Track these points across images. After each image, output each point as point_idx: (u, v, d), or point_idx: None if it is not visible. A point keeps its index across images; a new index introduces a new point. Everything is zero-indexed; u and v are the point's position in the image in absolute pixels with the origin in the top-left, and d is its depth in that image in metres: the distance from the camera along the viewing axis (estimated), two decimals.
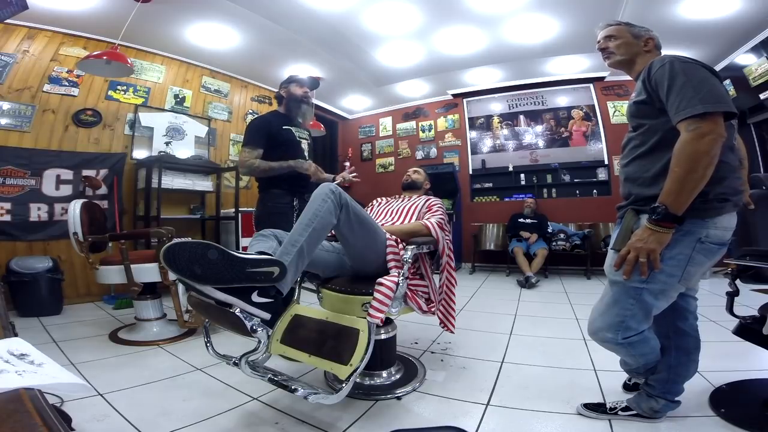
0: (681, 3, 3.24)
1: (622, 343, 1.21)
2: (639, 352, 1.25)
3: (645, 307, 1.16)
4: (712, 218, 1.08)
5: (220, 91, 4.69)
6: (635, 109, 1.21)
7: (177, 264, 1.05)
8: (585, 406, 1.40)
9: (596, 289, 3.83)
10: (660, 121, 1.13)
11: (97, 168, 3.52)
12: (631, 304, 1.17)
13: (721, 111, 0.99)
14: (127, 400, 1.50)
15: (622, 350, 1.26)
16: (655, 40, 1.30)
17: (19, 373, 0.45)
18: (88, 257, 2.35)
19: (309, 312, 1.46)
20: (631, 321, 1.18)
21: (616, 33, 1.31)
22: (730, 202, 1.09)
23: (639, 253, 1.08)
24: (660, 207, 1.04)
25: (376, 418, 1.41)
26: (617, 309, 1.20)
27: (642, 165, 1.18)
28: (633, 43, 1.29)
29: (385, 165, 6.51)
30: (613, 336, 1.21)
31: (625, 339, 1.20)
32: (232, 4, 3.29)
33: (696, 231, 1.08)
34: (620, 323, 1.19)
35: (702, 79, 1.03)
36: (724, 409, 1.32)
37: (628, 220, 1.17)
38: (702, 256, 1.11)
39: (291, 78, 2.22)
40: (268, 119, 2.14)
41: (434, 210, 1.83)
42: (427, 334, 2.33)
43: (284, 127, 2.12)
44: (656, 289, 1.14)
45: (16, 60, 3.16)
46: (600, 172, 5.11)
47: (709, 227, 1.08)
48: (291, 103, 2.17)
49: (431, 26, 3.79)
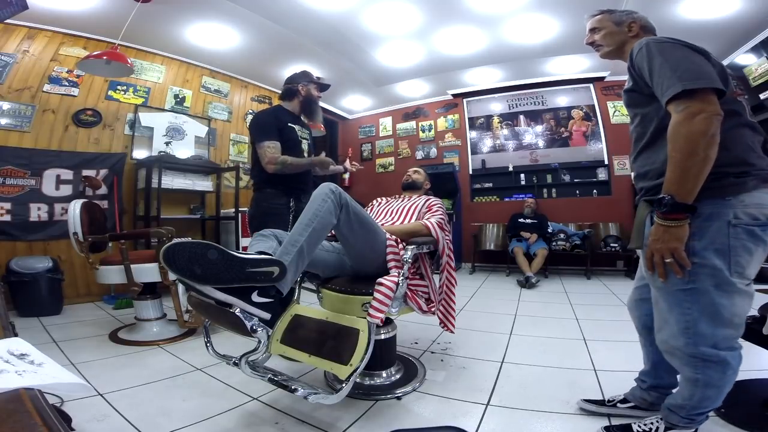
0: (681, 3, 3.24)
1: (695, 355, 1.03)
2: (708, 379, 1.05)
3: (709, 309, 1.01)
4: (735, 196, 0.97)
5: (220, 91, 4.69)
6: (627, 99, 1.19)
7: (177, 264, 1.04)
8: (585, 400, 1.41)
9: (596, 289, 3.84)
10: (652, 108, 1.08)
11: (97, 168, 3.52)
12: (688, 308, 1.03)
13: (701, 87, 0.92)
14: (127, 400, 1.50)
15: (692, 366, 1.06)
16: (640, 21, 1.24)
17: (19, 373, 0.45)
18: (88, 257, 2.35)
19: (309, 312, 1.46)
20: (699, 325, 1.02)
21: (599, 24, 1.29)
22: (751, 177, 0.97)
23: (662, 254, 0.99)
24: (666, 198, 0.95)
25: (376, 418, 1.41)
26: (676, 315, 1.06)
27: (648, 157, 1.13)
28: (616, 31, 1.25)
29: (385, 165, 6.51)
30: (684, 344, 1.04)
31: (699, 350, 1.03)
32: (232, 4, 3.29)
33: (720, 213, 0.98)
34: (686, 330, 1.04)
35: (680, 58, 0.98)
36: (724, 409, 1.31)
37: (640, 212, 1.12)
38: (746, 242, 0.97)
39: (310, 76, 2.15)
40: (274, 113, 2.08)
41: (434, 210, 1.83)
42: (427, 334, 2.33)
43: (289, 125, 2.07)
44: (708, 286, 1.00)
45: (16, 60, 3.16)
46: (600, 172, 5.11)
47: (736, 206, 0.96)
48: (310, 103, 2.13)
49: (431, 26, 3.79)
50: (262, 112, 2.17)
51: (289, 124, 2.07)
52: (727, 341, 1.04)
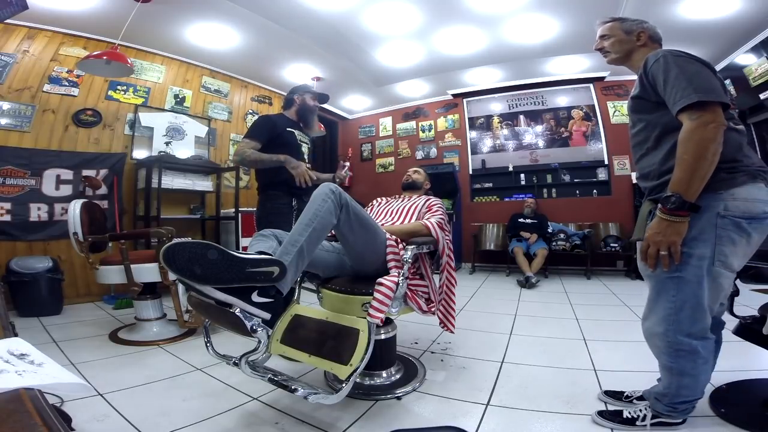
0: (681, 3, 3.24)
1: (671, 343, 1.14)
2: (681, 367, 1.15)
3: (691, 299, 1.10)
4: (726, 190, 1.06)
5: (220, 91, 4.69)
6: (633, 104, 1.25)
7: (177, 264, 1.04)
8: (606, 392, 1.47)
9: (596, 289, 3.84)
10: (657, 115, 1.16)
11: (97, 168, 3.52)
12: (673, 296, 1.12)
13: (713, 100, 1.01)
14: (127, 400, 1.50)
15: (668, 354, 1.17)
16: (649, 31, 1.30)
17: (19, 373, 0.45)
18: (88, 257, 2.34)
19: (309, 312, 1.46)
20: (681, 313, 1.12)
21: (609, 32, 1.34)
22: (741, 173, 1.07)
23: (660, 246, 1.07)
24: (674, 196, 1.03)
25: (376, 418, 1.40)
26: (662, 302, 1.16)
27: (650, 159, 1.21)
28: (625, 39, 1.31)
29: (385, 165, 6.51)
30: (664, 330, 1.15)
31: (676, 338, 1.13)
32: (232, 4, 3.29)
33: (711, 205, 1.06)
34: (668, 316, 1.14)
35: (695, 72, 1.06)
36: (724, 409, 1.31)
37: (644, 209, 1.20)
38: (731, 233, 1.06)
39: (307, 88, 2.35)
40: (273, 119, 2.20)
41: (434, 210, 1.83)
42: (427, 334, 2.33)
43: (288, 129, 2.19)
44: (692, 276, 1.09)
45: (16, 60, 3.16)
46: (600, 172, 5.11)
47: (726, 199, 1.05)
48: (305, 112, 2.28)
49: (431, 26, 3.79)
50: (264, 115, 2.36)
51: (288, 129, 2.19)
52: (702, 331, 1.13)
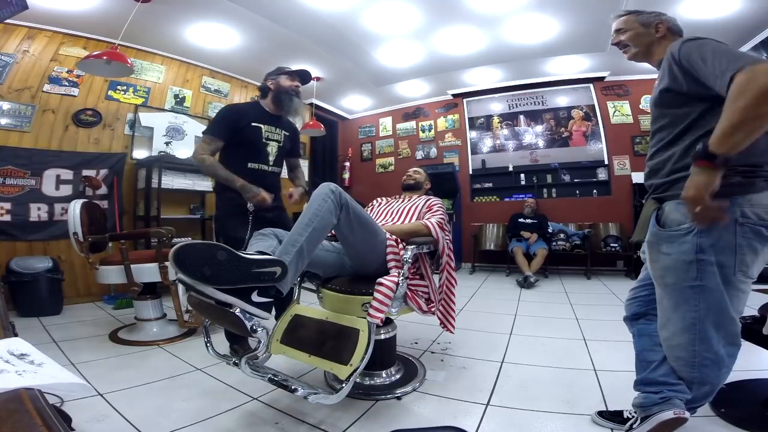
0: (681, 3, 3.24)
1: (696, 353, 1.06)
2: (703, 377, 1.08)
3: (714, 306, 1.03)
4: (742, 195, 0.99)
5: (220, 91, 4.69)
6: (660, 98, 1.14)
7: (187, 265, 1.03)
8: (600, 414, 1.34)
9: (596, 289, 3.84)
10: (683, 111, 1.07)
11: (97, 168, 3.52)
12: (695, 305, 1.04)
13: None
14: (127, 400, 1.50)
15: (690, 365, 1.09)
16: (668, 23, 1.23)
17: (19, 373, 0.45)
18: (88, 257, 2.35)
19: (309, 312, 1.46)
20: (706, 322, 1.04)
21: (624, 25, 1.27)
22: (761, 178, 0.99)
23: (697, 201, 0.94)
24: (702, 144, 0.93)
25: (376, 418, 1.41)
26: (682, 312, 1.07)
27: (666, 153, 1.12)
28: (643, 32, 1.23)
29: (385, 165, 6.50)
30: (689, 340, 1.06)
31: (703, 347, 1.05)
32: (232, 4, 3.29)
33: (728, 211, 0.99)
34: (692, 326, 1.06)
35: (728, 48, 0.98)
36: (724, 409, 1.32)
37: (647, 209, 1.14)
38: (752, 241, 1.00)
39: (280, 69, 2.01)
40: (240, 110, 1.96)
41: (434, 210, 1.83)
42: (427, 334, 2.33)
43: (253, 124, 1.91)
44: (714, 284, 1.02)
45: (16, 60, 3.16)
46: (600, 172, 5.11)
47: (743, 205, 0.98)
48: (281, 96, 1.95)
49: (431, 26, 3.79)
50: (229, 105, 2.10)
51: (253, 124, 1.91)
52: (730, 337, 1.06)
